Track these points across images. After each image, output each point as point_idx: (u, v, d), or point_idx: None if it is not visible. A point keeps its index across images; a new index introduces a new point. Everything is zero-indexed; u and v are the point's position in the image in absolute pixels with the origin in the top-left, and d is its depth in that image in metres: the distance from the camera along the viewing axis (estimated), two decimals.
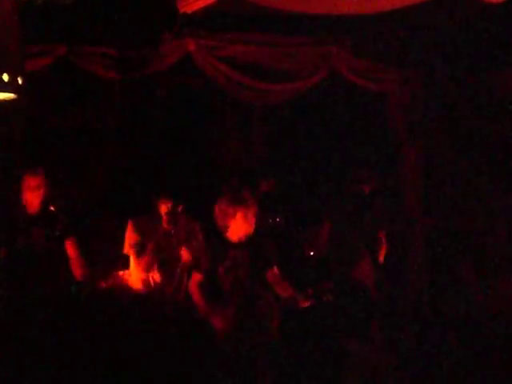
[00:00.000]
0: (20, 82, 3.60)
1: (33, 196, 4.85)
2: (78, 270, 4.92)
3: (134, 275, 5.02)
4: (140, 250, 4.98)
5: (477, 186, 6.27)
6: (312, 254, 5.92)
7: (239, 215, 4.92)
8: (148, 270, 4.96)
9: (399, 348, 5.10)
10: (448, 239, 6.27)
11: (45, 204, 4.94)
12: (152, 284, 5.00)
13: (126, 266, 5.06)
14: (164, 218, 5.02)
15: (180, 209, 5.04)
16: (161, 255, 4.97)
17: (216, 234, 5.02)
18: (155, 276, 5.02)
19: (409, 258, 6.39)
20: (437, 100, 6.30)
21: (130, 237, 5.08)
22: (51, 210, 5.07)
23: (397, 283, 6.07)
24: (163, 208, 5.02)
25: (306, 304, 4.93)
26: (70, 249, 4.96)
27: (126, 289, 4.87)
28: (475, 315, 5.59)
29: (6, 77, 3.52)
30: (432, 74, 6.20)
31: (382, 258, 5.95)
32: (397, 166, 6.49)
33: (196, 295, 4.89)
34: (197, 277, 4.94)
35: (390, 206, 6.37)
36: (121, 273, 5.10)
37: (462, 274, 6.18)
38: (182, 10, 5.19)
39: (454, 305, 5.79)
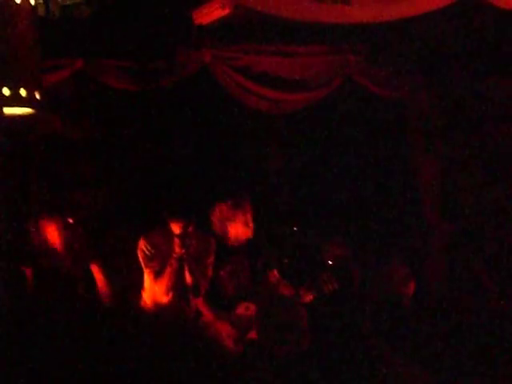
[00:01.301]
0: (37, 96, 3.63)
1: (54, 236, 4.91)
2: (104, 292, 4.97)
3: (151, 294, 4.94)
4: (159, 272, 4.90)
5: (495, 191, 6.23)
6: (331, 263, 5.90)
7: (239, 219, 4.95)
8: (168, 293, 4.86)
9: (424, 355, 5.06)
10: (467, 245, 6.23)
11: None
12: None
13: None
14: (176, 240, 4.78)
15: (191, 228, 4.79)
16: (176, 278, 4.84)
17: (216, 239, 5.03)
18: (170, 295, 4.89)
19: (428, 264, 6.35)
20: (454, 106, 6.27)
21: (144, 255, 4.89)
22: (70, 223, 5.11)
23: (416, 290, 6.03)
24: (174, 228, 4.78)
25: (310, 297, 4.94)
26: (96, 272, 5.02)
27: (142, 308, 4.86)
28: (496, 322, 5.53)
29: (23, 92, 3.56)
30: (449, 80, 6.17)
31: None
32: (415, 172, 6.47)
33: (200, 304, 4.91)
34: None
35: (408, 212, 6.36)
36: None
37: (482, 280, 6.13)
38: (197, 22, 5.23)
39: (473, 311, 5.73)
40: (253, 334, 4.75)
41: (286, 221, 6.42)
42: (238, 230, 5.01)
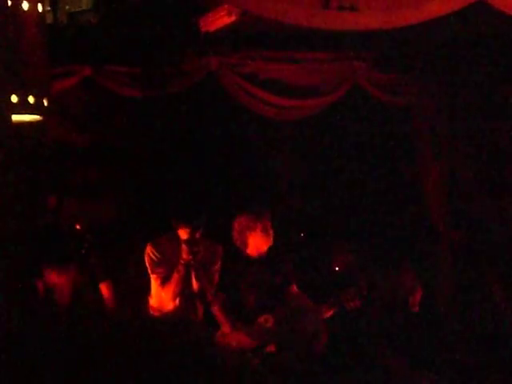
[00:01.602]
0: (45, 103, 3.64)
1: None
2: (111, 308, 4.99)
3: (157, 300, 4.94)
4: (165, 278, 4.86)
5: (503, 198, 6.21)
6: (337, 269, 5.89)
7: (259, 228, 4.98)
8: (174, 299, 4.86)
9: (434, 363, 5.05)
10: (475, 253, 6.21)
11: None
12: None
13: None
14: (183, 246, 4.77)
15: (199, 235, 4.79)
16: (183, 284, 4.84)
17: (236, 251, 5.05)
18: (177, 302, 4.89)
19: (435, 271, 6.34)
20: (460, 112, 6.26)
21: (151, 260, 4.90)
22: (77, 229, 5.11)
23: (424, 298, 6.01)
24: (182, 234, 4.79)
25: (330, 313, 4.96)
26: (105, 291, 5.03)
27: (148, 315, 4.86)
28: (504, 331, 5.51)
29: (31, 99, 3.56)
30: (456, 86, 6.17)
31: None
32: (422, 178, 6.46)
33: (218, 314, 4.92)
34: (219, 296, 4.96)
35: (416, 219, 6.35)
36: None
37: (490, 288, 6.10)
38: (204, 29, 5.24)
39: (481, 320, 5.71)
40: (272, 347, 4.78)
41: (294, 228, 6.42)
42: (258, 239, 5.04)
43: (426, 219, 6.35)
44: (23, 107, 3.54)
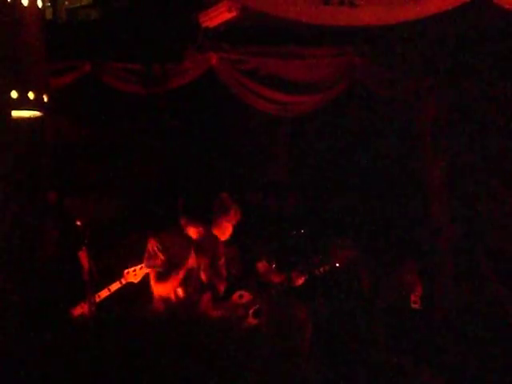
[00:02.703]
0: (45, 99, 3.64)
1: None
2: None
3: (157, 292, 4.97)
4: (162, 274, 4.86)
5: (503, 193, 6.21)
6: (338, 265, 5.90)
7: (222, 219, 5.03)
8: (177, 287, 4.89)
9: (432, 357, 5.05)
10: (475, 249, 6.21)
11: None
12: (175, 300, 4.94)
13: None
14: (192, 250, 4.82)
15: (207, 232, 4.85)
16: (189, 274, 4.88)
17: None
18: (179, 292, 4.94)
19: (435, 266, 6.34)
20: (460, 108, 6.26)
21: (148, 254, 4.90)
22: (78, 225, 5.11)
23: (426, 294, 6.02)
24: (192, 232, 4.83)
25: (301, 281, 5.13)
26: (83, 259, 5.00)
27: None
28: (506, 328, 5.52)
29: (31, 95, 3.56)
30: (455, 82, 6.16)
31: None
32: (422, 174, 6.46)
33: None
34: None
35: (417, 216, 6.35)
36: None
37: (491, 284, 6.11)
38: (204, 25, 5.25)
39: (483, 317, 5.71)
40: (249, 321, 4.86)
41: (293, 223, 6.43)
42: (221, 227, 5.09)
43: (427, 215, 6.35)
44: (23, 103, 3.54)
